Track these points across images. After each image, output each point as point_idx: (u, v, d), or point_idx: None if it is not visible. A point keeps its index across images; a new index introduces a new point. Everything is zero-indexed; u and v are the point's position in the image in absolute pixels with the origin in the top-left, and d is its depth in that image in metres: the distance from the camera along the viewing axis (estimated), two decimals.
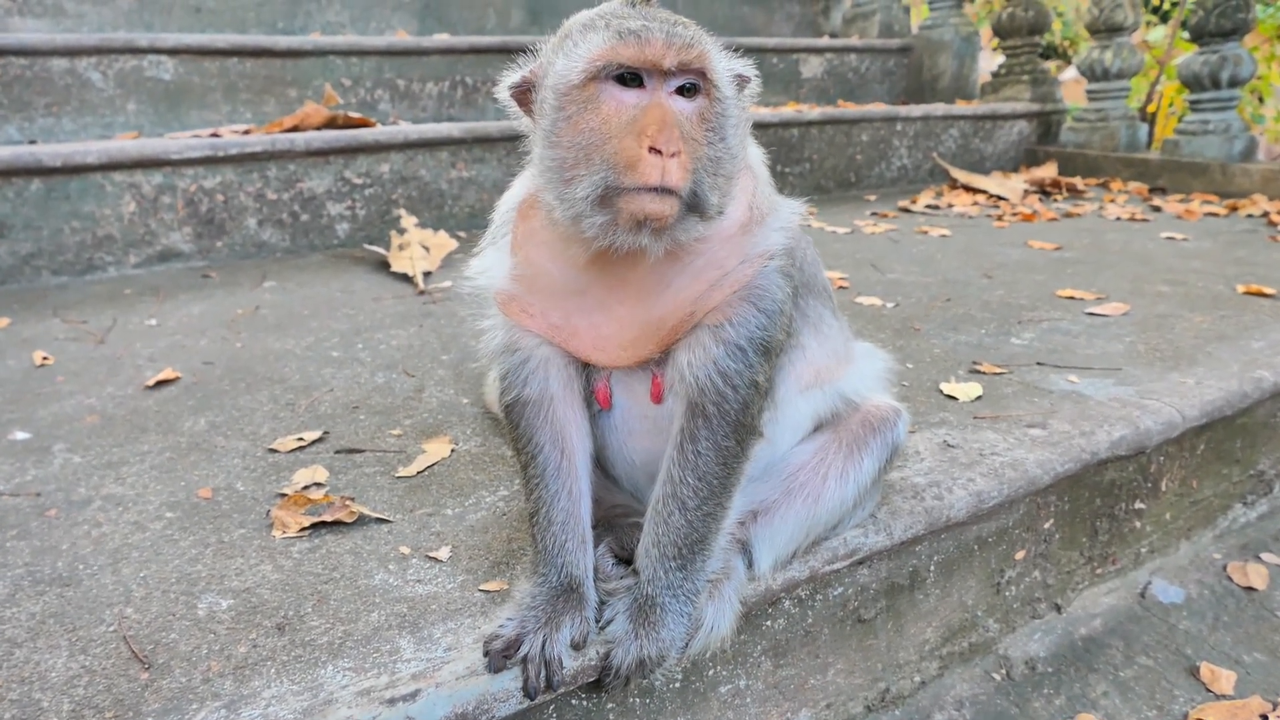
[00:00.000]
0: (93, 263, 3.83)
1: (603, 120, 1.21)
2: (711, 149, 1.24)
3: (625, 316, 1.36)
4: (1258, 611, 2.21)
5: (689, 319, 1.33)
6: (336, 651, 1.34)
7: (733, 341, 1.31)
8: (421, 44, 5.64)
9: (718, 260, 1.32)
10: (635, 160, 1.17)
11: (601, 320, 1.37)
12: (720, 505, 1.38)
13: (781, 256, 1.36)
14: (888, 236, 4.55)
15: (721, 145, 1.25)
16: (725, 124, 1.26)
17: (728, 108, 1.26)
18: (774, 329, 1.34)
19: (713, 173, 1.24)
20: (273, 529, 1.72)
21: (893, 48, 7.52)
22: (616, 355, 1.38)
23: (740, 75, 1.31)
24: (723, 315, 1.32)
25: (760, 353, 1.33)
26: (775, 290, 1.35)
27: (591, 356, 1.40)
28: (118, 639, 1.40)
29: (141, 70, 4.93)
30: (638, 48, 1.19)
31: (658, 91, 1.21)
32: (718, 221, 1.30)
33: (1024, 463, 1.93)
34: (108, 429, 2.24)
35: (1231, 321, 2.91)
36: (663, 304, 1.33)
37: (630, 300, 1.35)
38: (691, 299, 1.32)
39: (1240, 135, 5.67)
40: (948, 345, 2.76)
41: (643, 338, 1.36)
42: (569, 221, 1.25)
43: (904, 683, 1.85)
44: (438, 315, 3.20)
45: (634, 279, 1.33)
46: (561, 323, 1.39)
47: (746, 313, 1.32)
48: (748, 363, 1.31)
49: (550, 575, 1.39)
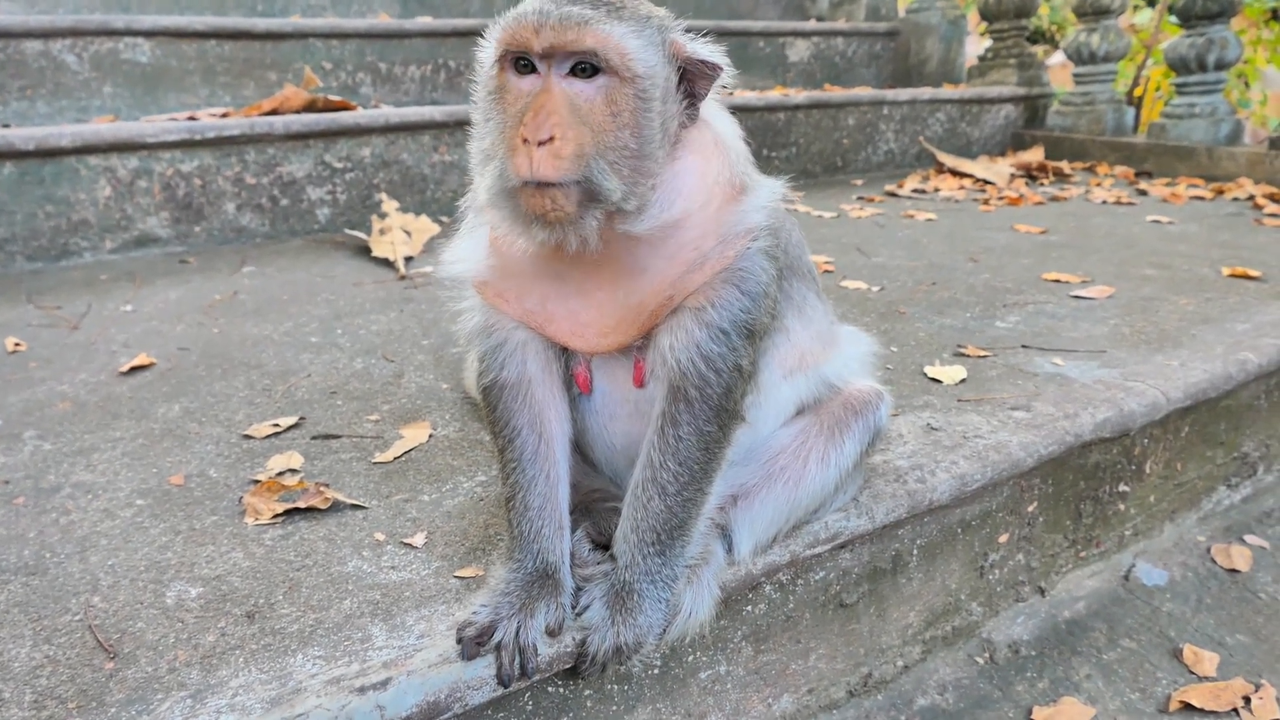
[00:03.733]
0: (68, 248, 3.77)
1: (504, 108, 1.19)
2: (619, 135, 1.17)
3: (604, 301, 1.32)
4: (1241, 593, 2.21)
5: (668, 302, 1.30)
6: (307, 640, 1.31)
7: (715, 324, 1.28)
8: (404, 26, 5.57)
9: (692, 241, 1.28)
10: (514, 151, 1.13)
11: (579, 306, 1.34)
12: (700, 490, 1.35)
13: (765, 236, 1.32)
14: (874, 221, 4.53)
15: (631, 131, 1.18)
16: (640, 107, 1.19)
17: (644, 89, 1.19)
18: (757, 311, 1.31)
19: (619, 160, 1.17)
20: (245, 516, 1.69)
21: (880, 31, 7.48)
22: (596, 342, 1.35)
23: (700, 60, 1.25)
24: (705, 298, 1.28)
25: (744, 336, 1.30)
26: (759, 272, 1.31)
27: (571, 342, 1.37)
28: (83, 628, 1.36)
29: (118, 53, 4.85)
30: (519, 31, 1.15)
31: (548, 76, 1.16)
32: (662, 209, 1.24)
33: (1008, 445, 1.91)
34: (80, 416, 2.20)
35: (1216, 304, 2.90)
36: (640, 288, 1.30)
37: (607, 285, 1.32)
38: (669, 281, 1.29)
39: (1226, 118, 5.66)
40: (932, 329, 2.74)
41: (623, 323, 1.33)
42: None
43: (887, 667, 1.84)
44: (418, 300, 3.17)
45: (608, 263, 1.30)
46: (538, 309, 1.36)
47: (729, 295, 1.29)
48: (730, 346, 1.28)
49: (526, 561, 1.36)
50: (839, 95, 5.83)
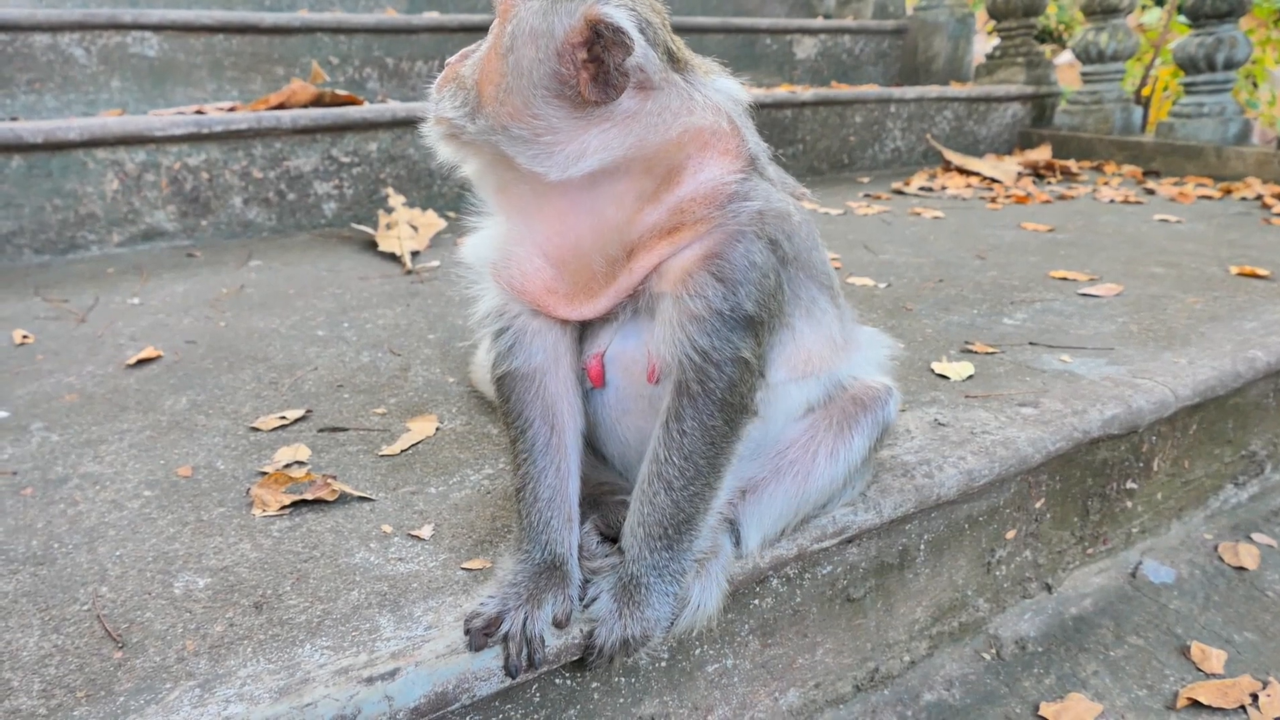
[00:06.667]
0: (75, 241, 3.77)
1: None
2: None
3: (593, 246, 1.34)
4: (1248, 591, 2.20)
5: (656, 264, 1.30)
6: (315, 630, 1.31)
7: (703, 315, 1.26)
8: (411, 22, 5.57)
9: (689, 209, 1.28)
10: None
11: (575, 264, 1.36)
12: (709, 485, 1.35)
13: (761, 222, 1.30)
14: (880, 218, 4.52)
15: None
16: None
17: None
18: (745, 300, 1.27)
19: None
20: (253, 507, 1.69)
21: (887, 29, 7.46)
22: (587, 304, 1.37)
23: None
24: (692, 284, 1.27)
25: (742, 328, 1.28)
26: (754, 255, 1.29)
27: (565, 311, 1.38)
28: (91, 618, 1.37)
29: (126, 47, 4.86)
30: None
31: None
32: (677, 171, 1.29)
33: (1015, 441, 1.91)
34: (87, 407, 2.20)
35: (1225, 302, 2.89)
36: (631, 234, 1.31)
37: (605, 242, 1.33)
38: (659, 244, 1.29)
39: (1235, 118, 5.64)
40: (940, 325, 2.74)
41: (609, 272, 1.33)
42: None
43: (893, 662, 1.84)
44: (425, 295, 3.17)
45: (607, 223, 1.32)
46: (541, 277, 1.37)
47: (714, 284, 1.27)
48: (725, 338, 1.27)
49: (534, 552, 1.36)
50: (846, 93, 5.82)
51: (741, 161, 1.32)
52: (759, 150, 1.38)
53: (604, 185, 1.29)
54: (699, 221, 1.27)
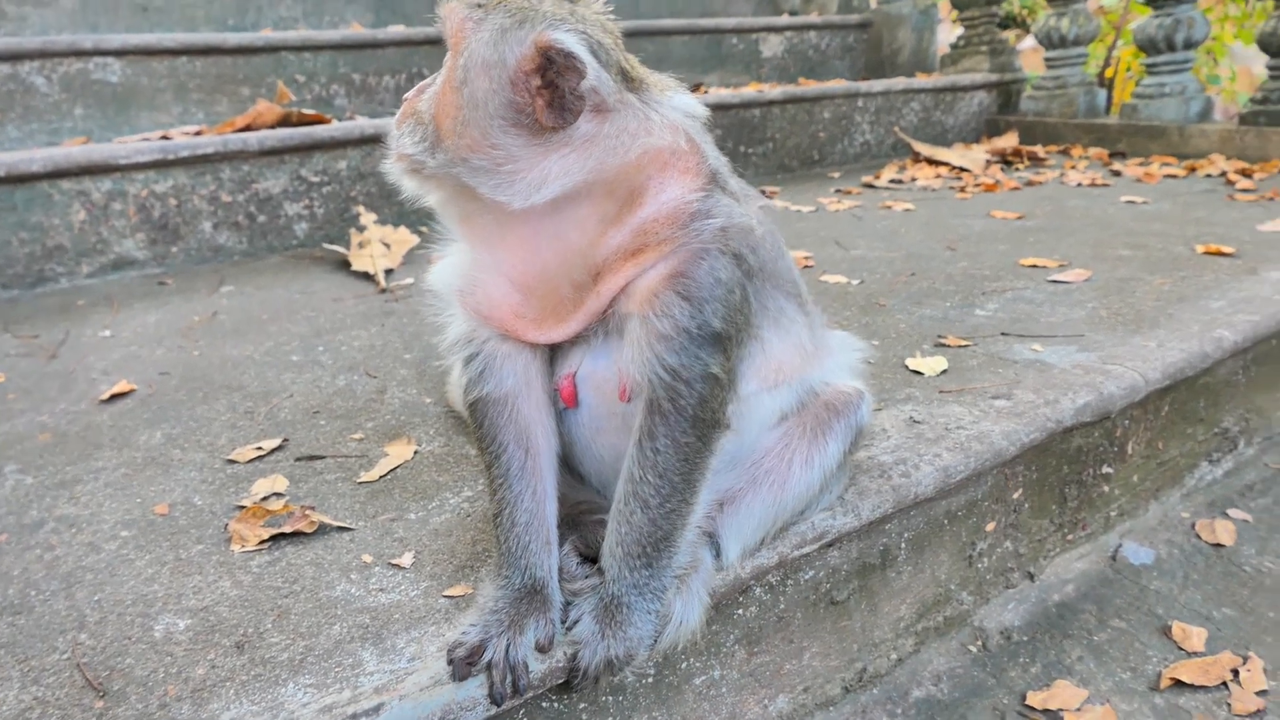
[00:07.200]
0: (43, 274, 3.74)
1: None
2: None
3: (561, 273, 1.35)
4: (1226, 568, 2.23)
5: (623, 286, 1.31)
6: (297, 668, 1.31)
7: (671, 334, 1.27)
8: (376, 36, 5.54)
9: (652, 230, 1.29)
10: None
11: (542, 290, 1.36)
12: (685, 501, 1.35)
13: (724, 238, 1.31)
14: (851, 213, 4.54)
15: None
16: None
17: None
18: (712, 318, 1.28)
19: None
20: (231, 543, 1.68)
21: (852, 23, 7.49)
22: (556, 328, 1.37)
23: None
24: (658, 304, 1.28)
25: (710, 344, 1.28)
26: (719, 272, 1.29)
27: (534, 335, 1.38)
28: (71, 666, 1.36)
29: (88, 73, 4.81)
30: None
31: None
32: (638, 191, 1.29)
33: (990, 435, 1.92)
34: (60, 447, 2.18)
35: (1192, 282, 2.93)
36: (596, 257, 1.31)
37: (571, 267, 1.33)
38: (625, 266, 1.30)
39: (1196, 97, 5.70)
40: (913, 320, 2.76)
41: (576, 296, 1.34)
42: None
43: (881, 661, 1.85)
44: (400, 313, 3.16)
45: (571, 248, 1.32)
46: (509, 303, 1.38)
47: (680, 303, 1.27)
48: (694, 355, 1.28)
49: (514, 578, 1.36)
50: (813, 89, 5.84)
51: (702, 179, 1.32)
52: (719, 165, 1.38)
53: (567, 210, 1.29)
54: (663, 242, 1.28)
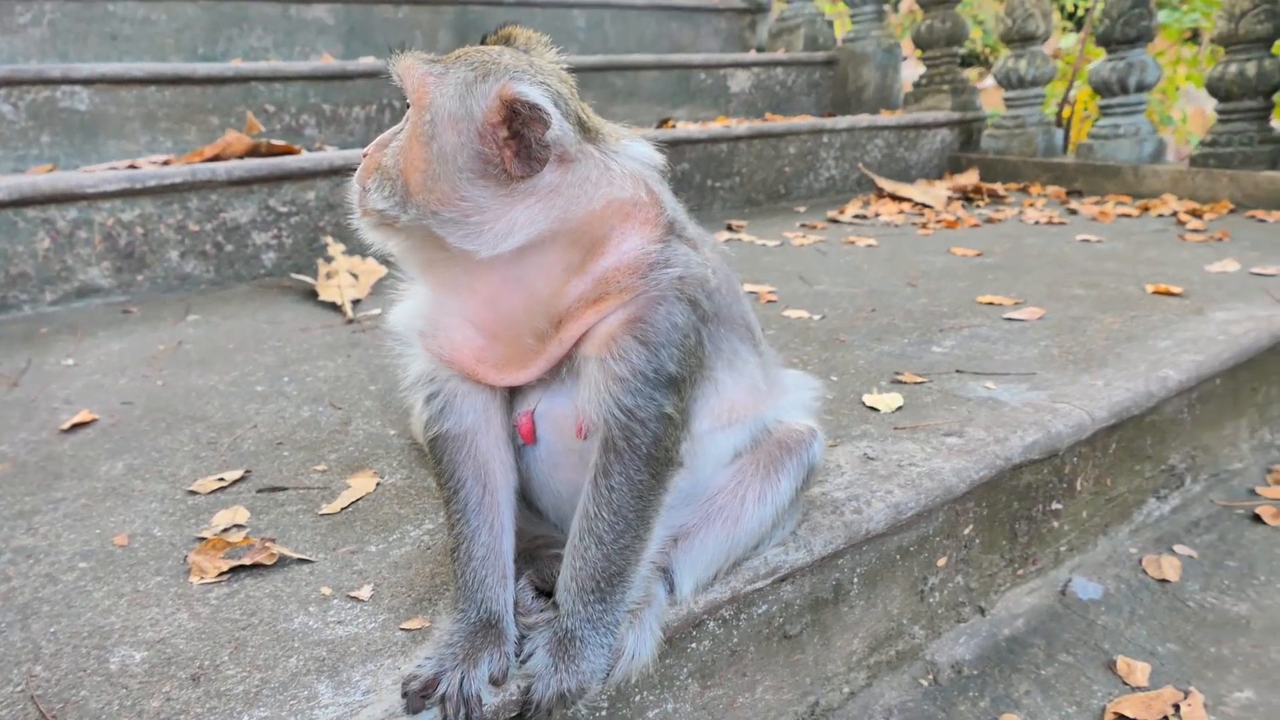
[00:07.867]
0: (6, 302, 3.71)
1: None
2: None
3: (521, 315, 1.39)
4: (1171, 603, 2.30)
5: (584, 332, 1.35)
6: (253, 701, 1.32)
7: (627, 377, 1.31)
8: (346, 68, 5.59)
9: (614, 279, 1.33)
10: None
11: (506, 335, 1.40)
12: (638, 538, 1.39)
13: (681, 285, 1.36)
14: (816, 248, 4.63)
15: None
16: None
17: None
18: (667, 361, 1.33)
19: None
20: (190, 575, 1.69)
21: (818, 60, 7.66)
22: (518, 372, 1.41)
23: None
24: (616, 348, 1.32)
25: (665, 386, 1.33)
26: (675, 318, 1.34)
27: (496, 379, 1.42)
28: (25, 699, 1.36)
29: (55, 101, 4.80)
30: None
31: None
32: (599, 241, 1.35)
33: (940, 472, 1.98)
34: (19, 477, 2.17)
35: (1141, 321, 3.03)
36: (560, 304, 1.36)
37: (534, 314, 1.37)
38: (586, 313, 1.34)
39: (1149, 138, 5.89)
40: (871, 356, 2.82)
41: (539, 342, 1.38)
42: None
43: (833, 695, 1.89)
44: (366, 345, 3.17)
45: (535, 295, 1.36)
46: (471, 346, 1.41)
47: (638, 348, 1.32)
48: (649, 396, 1.32)
49: (470, 611, 1.39)
50: (780, 125, 5.97)
51: (660, 229, 1.38)
52: (676, 213, 1.44)
53: (532, 258, 1.34)
54: (624, 290, 1.33)
